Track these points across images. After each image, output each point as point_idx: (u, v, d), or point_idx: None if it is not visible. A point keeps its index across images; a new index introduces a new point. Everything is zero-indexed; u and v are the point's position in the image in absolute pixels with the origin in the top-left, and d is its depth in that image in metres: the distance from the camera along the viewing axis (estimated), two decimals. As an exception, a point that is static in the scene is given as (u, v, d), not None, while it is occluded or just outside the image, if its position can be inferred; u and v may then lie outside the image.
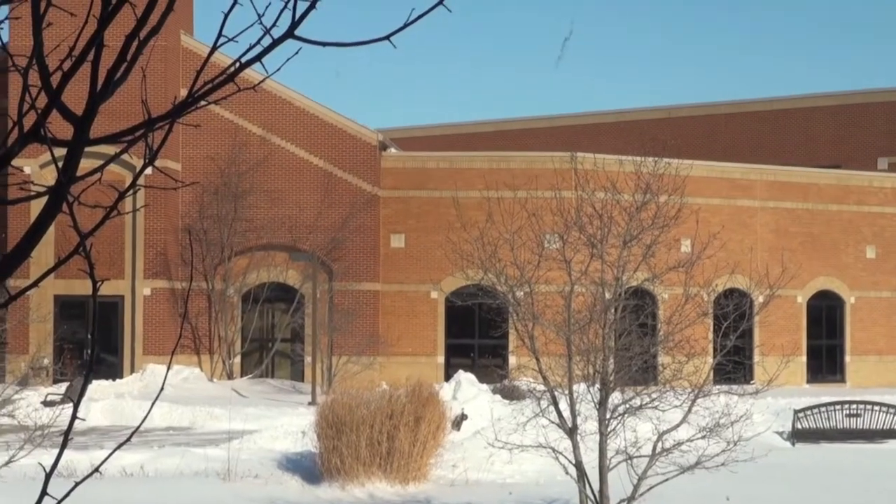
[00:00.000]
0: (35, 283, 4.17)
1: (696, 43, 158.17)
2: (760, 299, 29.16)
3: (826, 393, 46.75)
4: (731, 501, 25.28)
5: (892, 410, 38.60)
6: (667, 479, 23.28)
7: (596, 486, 23.35)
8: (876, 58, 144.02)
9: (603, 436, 24.02)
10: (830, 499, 26.64)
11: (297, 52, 3.84)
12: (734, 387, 26.24)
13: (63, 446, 4.15)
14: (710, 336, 28.90)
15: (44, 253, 41.55)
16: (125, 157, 3.93)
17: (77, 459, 23.06)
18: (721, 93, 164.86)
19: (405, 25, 3.85)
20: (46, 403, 35.84)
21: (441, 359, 52.47)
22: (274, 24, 3.77)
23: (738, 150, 62.23)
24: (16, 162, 3.98)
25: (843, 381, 57.61)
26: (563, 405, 24.44)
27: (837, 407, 38.60)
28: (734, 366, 26.37)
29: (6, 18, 3.97)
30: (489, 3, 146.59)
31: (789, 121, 65.92)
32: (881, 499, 26.76)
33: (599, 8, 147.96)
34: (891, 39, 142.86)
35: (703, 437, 23.73)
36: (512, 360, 45.76)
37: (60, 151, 3.81)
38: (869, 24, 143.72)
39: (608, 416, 24.21)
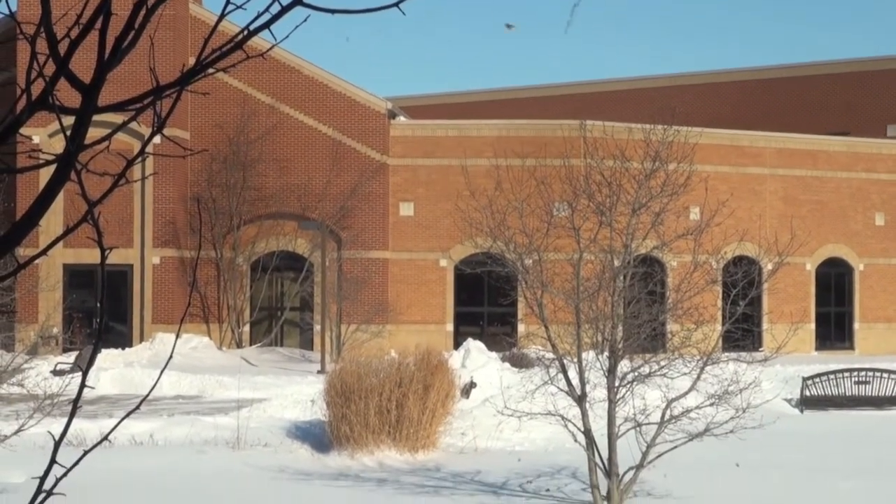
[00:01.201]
0: (44, 252, 4.17)
1: (705, 10, 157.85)
2: (769, 267, 29.15)
3: (834, 360, 46.78)
4: (740, 468, 25.31)
5: (900, 378, 38.66)
6: (675, 447, 23.32)
7: (605, 454, 23.39)
8: (886, 25, 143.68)
9: (612, 403, 24.06)
10: (839, 465, 26.67)
11: (305, 20, 3.84)
12: (743, 354, 26.26)
13: (72, 415, 4.16)
14: (719, 303, 28.91)
15: (52, 222, 41.56)
16: (133, 125, 3.93)
17: (86, 428, 23.12)
18: (730, 61, 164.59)
19: (414, -8, 3.84)
20: (56, 372, 35.93)
21: (450, 327, 52.54)
22: (282, -9, 3.77)
23: (747, 118, 62.16)
24: (24, 130, 3.98)
25: (851, 348, 57.65)
26: (572, 373, 24.47)
27: (846, 374, 38.64)
28: (743, 333, 26.40)
29: (13, -14, 3.97)
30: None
31: (798, 88, 65.83)
32: (889, 465, 26.80)
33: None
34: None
35: (712, 405, 23.76)
36: (521, 328, 45.84)
37: (68, 120, 3.81)
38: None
39: (617, 384, 24.24)
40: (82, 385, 4.10)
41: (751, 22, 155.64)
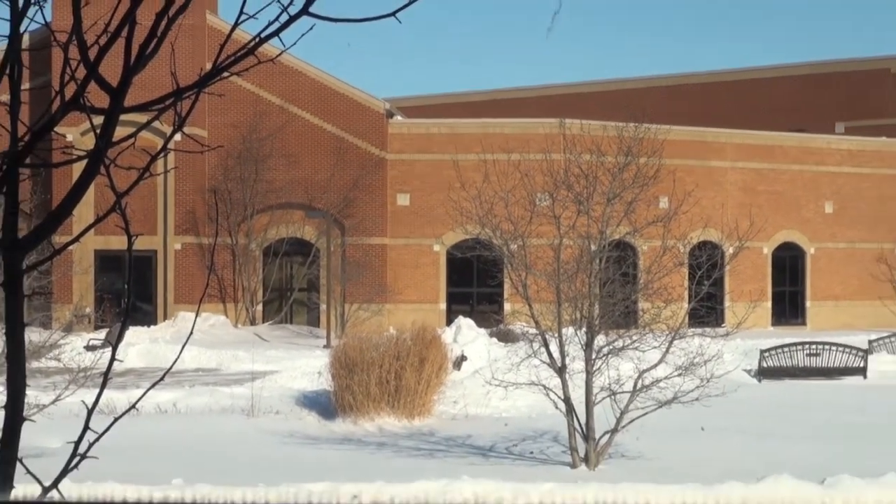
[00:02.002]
0: (76, 239, 4.16)
1: (673, 18, 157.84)
2: (730, 250, 29.13)
3: (789, 335, 46.85)
4: (704, 431, 25.35)
5: (847, 350, 38.67)
6: (646, 413, 23.35)
7: (583, 419, 23.42)
8: (835, 33, 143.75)
9: (589, 374, 24.08)
10: (793, 430, 26.72)
11: (311, 28, 3.83)
12: (707, 329, 26.28)
13: (103, 386, 4.15)
14: (686, 284, 28.95)
15: (84, 211, 41.44)
16: (156, 124, 3.92)
17: (116, 398, 23.07)
18: (695, 64, 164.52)
19: (410, 2, 3.83)
20: (88, 348, 35.88)
21: (443, 306, 52.55)
22: (290, 3, 3.76)
23: (710, 116, 62.17)
24: (58, 129, 3.97)
25: (803, 324, 57.73)
26: (553, 347, 24.49)
27: (799, 347, 38.68)
28: (707, 311, 26.42)
29: (47, -2, 3.95)
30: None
31: (757, 89, 65.85)
32: (838, 429, 26.84)
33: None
34: (848, 14, 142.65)
35: (679, 375, 23.78)
36: (507, 306, 45.89)
37: (98, 119, 3.80)
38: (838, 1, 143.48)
39: (594, 357, 24.26)
40: (112, 359, 4.09)
41: (714, 29, 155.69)
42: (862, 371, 38.02)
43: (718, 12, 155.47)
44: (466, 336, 35.17)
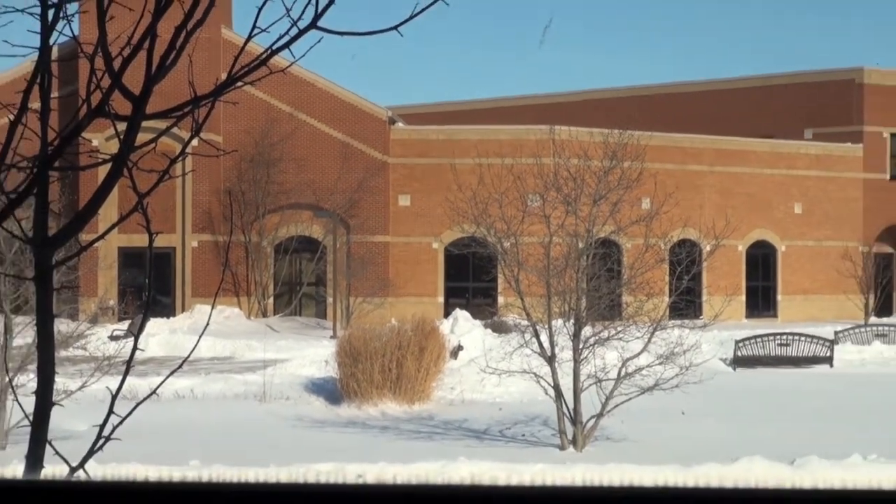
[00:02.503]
0: (102, 236, 4.16)
1: (655, 31, 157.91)
2: (708, 248, 29.16)
3: (761, 326, 46.85)
4: (684, 416, 25.37)
5: (815, 341, 38.72)
6: (630, 399, 23.38)
7: (571, 405, 23.44)
8: (806, 44, 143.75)
9: (576, 363, 24.10)
10: (765, 414, 26.75)
11: (319, 41, 3.83)
12: (686, 321, 26.32)
13: (126, 373, 4.15)
14: (666, 279, 28.95)
15: (109, 211, 41.35)
16: (175, 130, 3.92)
17: (138, 384, 23.05)
18: (677, 75, 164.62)
19: (411, 17, 3.83)
20: (112, 338, 35.85)
21: (441, 299, 52.53)
22: (300, 18, 3.76)
23: (689, 124, 62.12)
24: (85, 134, 3.97)
25: (775, 316, 57.74)
26: (544, 337, 24.51)
27: (771, 338, 38.71)
28: (686, 304, 26.47)
29: (76, 13, 3.95)
30: (473, 3, 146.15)
31: (732, 98, 65.82)
32: (807, 414, 26.88)
33: (574, 3, 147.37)
34: (817, 28, 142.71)
35: (660, 364, 23.82)
36: (500, 299, 45.80)
37: (121, 125, 3.80)
38: (807, 17, 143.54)
39: (581, 346, 24.28)
40: (134, 348, 4.09)
41: (693, 42, 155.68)
42: (828, 360, 38.06)
43: (697, 27, 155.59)
44: (463, 327, 35.16)
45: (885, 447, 20.99)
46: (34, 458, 3.83)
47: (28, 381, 17.78)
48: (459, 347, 33.01)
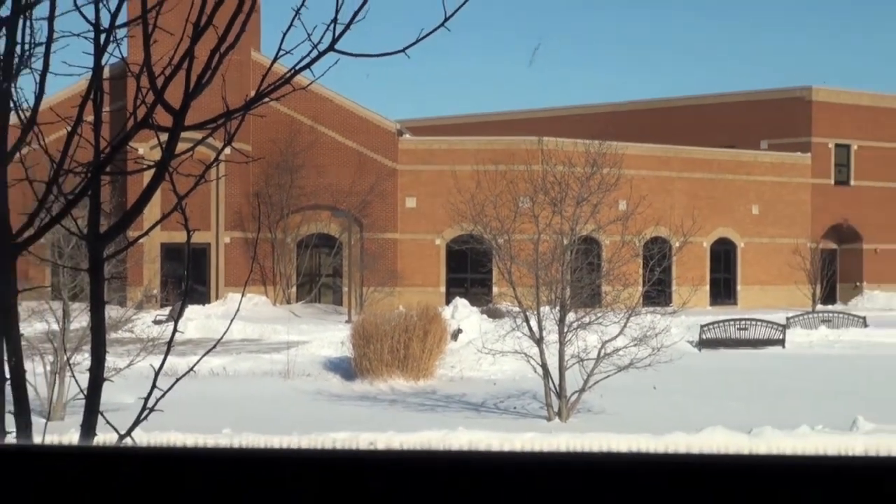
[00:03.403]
0: (146, 233, 4.17)
1: (635, 54, 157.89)
2: (677, 244, 29.17)
3: (723, 312, 46.80)
4: (655, 391, 25.36)
5: (769, 325, 38.72)
6: (608, 376, 23.38)
7: (556, 381, 23.44)
8: (763, 66, 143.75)
9: (562, 344, 24.11)
10: (726, 390, 26.74)
11: (336, 62, 3.83)
12: (657, 308, 26.32)
13: (167, 353, 4.16)
14: (640, 271, 28.97)
15: (152, 211, 41.34)
16: (210, 139, 3.92)
17: (177, 362, 23.03)
18: (652, 92, 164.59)
19: (417, 41, 3.83)
20: (155, 322, 35.87)
21: (443, 289, 52.54)
22: (319, 41, 3.76)
23: (661, 135, 62.07)
24: (132, 144, 3.97)
25: (735, 303, 57.72)
26: (533, 322, 24.52)
27: (731, 323, 38.71)
28: (657, 293, 26.48)
29: (124, 37, 3.95)
30: (476, 23, 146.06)
31: (699, 113, 65.78)
32: (762, 389, 26.87)
33: (560, 25, 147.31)
34: (774, 52, 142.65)
35: (635, 345, 23.81)
36: (495, 289, 45.86)
37: (163, 136, 3.80)
38: (764, 42, 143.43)
39: (565, 330, 24.29)
40: (174, 331, 4.09)
41: (666, 64, 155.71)
42: (781, 342, 38.05)
43: (671, 51, 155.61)
44: (462, 313, 35.15)
45: (830, 419, 20.99)
46: (88, 427, 3.83)
47: (83, 359, 17.81)
48: (459, 331, 33.02)
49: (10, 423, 3.70)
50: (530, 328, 24.47)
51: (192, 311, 43.57)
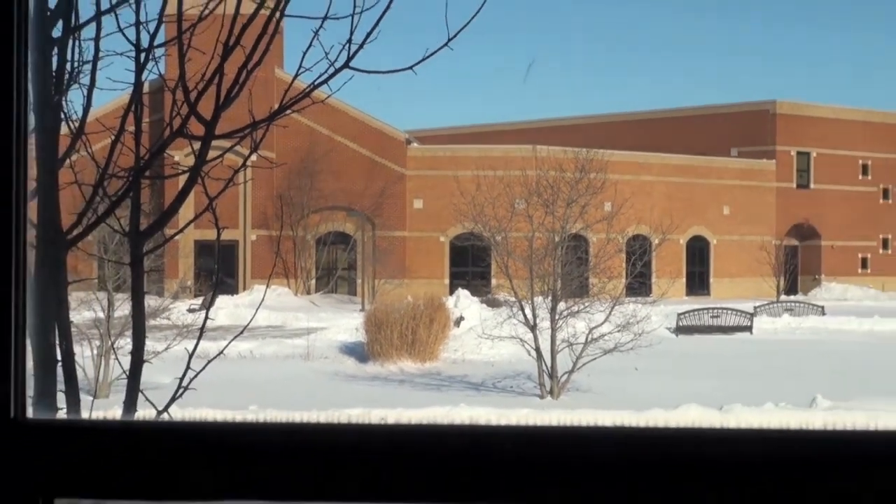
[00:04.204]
0: (181, 231, 4.17)
1: (619, 70, 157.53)
2: (656, 241, 29.17)
3: (698, 302, 46.76)
4: (637, 372, 25.35)
5: (739, 314, 38.68)
6: (595, 359, 23.38)
7: (549, 363, 23.45)
8: (734, 81, 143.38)
9: (553, 330, 24.11)
10: (700, 371, 26.71)
11: (350, 78, 3.83)
12: (639, 298, 26.31)
13: (199, 338, 4.16)
14: (624, 265, 28.94)
15: (186, 211, 41.34)
16: (238, 147, 3.92)
17: (208, 346, 23.04)
18: (635, 105, 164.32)
19: (423, 59, 3.84)
20: (189, 310, 35.85)
21: (447, 281, 52.53)
22: (335, 60, 3.76)
23: (643, 144, 62.02)
24: (169, 151, 3.97)
25: (708, 294, 57.67)
26: (528, 310, 24.52)
27: (705, 311, 38.66)
28: (639, 284, 26.44)
29: (162, 55, 3.96)
30: (476, 43, 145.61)
31: (676, 124, 65.72)
32: (732, 371, 26.84)
33: (553, 46, 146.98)
34: (742, 69, 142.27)
35: (619, 331, 23.82)
36: (493, 281, 45.83)
37: (196, 144, 3.80)
38: (734, 61, 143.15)
39: (556, 318, 24.29)
40: (206, 318, 4.10)
41: (646, 79, 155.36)
42: (749, 329, 38.01)
43: (650, 67, 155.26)
44: (464, 303, 35.12)
45: (792, 397, 20.98)
46: (130, 403, 3.84)
47: (125, 344, 17.81)
48: (461, 318, 33.00)
49: (61, 399, 3.71)
50: (525, 316, 24.47)
51: (222, 300, 43.57)
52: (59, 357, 3.70)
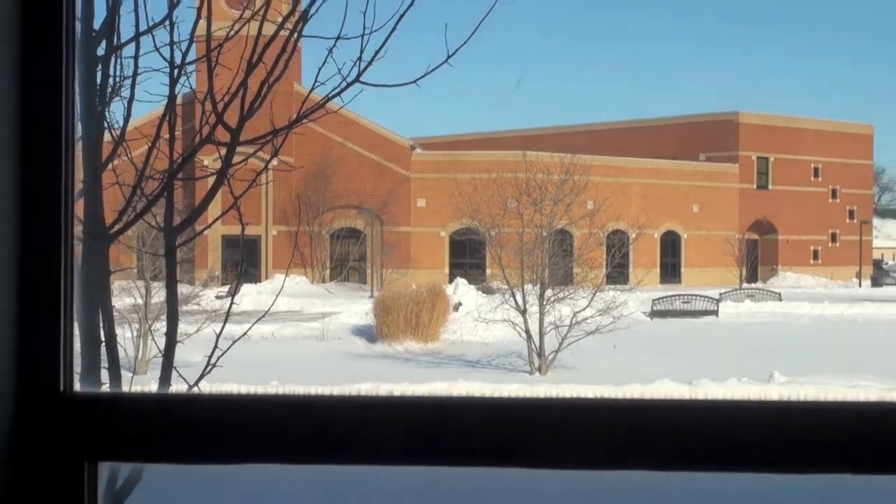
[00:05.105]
0: (209, 226, 4.17)
1: (598, 83, 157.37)
2: (633, 235, 29.15)
3: (670, 289, 46.68)
4: (616, 350, 25.35)
5: (706, 299, 38.68)
6: (578, 339, 23.39)
7: (537, 343, 23.45)
8: (701, 92, 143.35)
9: (541, 314, 24.11)
10: (672, 350, 26.70)
11: (360, 91, 3.84)
12: (618, 286, 26.30)
13: (226, 321, 4.16)
14: (605, 257, 28.93)
15: (214, 209, 41.28)
16: (260, 153, 3.93)
17: (234, 329, 23.08)
18: (614, 115, 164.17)
19: (425, 74, 3.84)
20: (217, 297, 35.78)
21: (447, 270, 52.50)
22: (347, 75, 3.76)
23: (621, 150, 61.92)
24: (199, 156, 3.97)
25: (680, 282, 57.63)
26: (518, 297, 24.52)
27: (676, 297, 38.66)
28: (618, 274, 26.43)
29: (192, 71, 3.96)
30: (473, 59, 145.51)
31: (651, 132, 65.64)
32: (700, 350, 26.85)
33: (540, 61, 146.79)
34: (709, 82, 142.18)
35: (600, 315, 23.83)
36: (488, 271, 45.80)
37: (223, 150, 3.80)
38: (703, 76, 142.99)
39: (544, 303, 24.28)
40: (231, 304, 4.10)
41: (625, 90, 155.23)
42: (715, 313, 38.01)
43: (626, 81, 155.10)
44: (462, 290, 35.11)
45: (752, 373, 21.01)
46: (165, 379, 3.85)
47: (160, 326, 17.79)
48: (459, 304, 32.99)
49: (104, 375, 3.72)
50: (516, 302, 24.48)
51: (246, 288, 43.42)
52: (102, 338, 3.71)
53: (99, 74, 3.96)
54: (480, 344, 28.25)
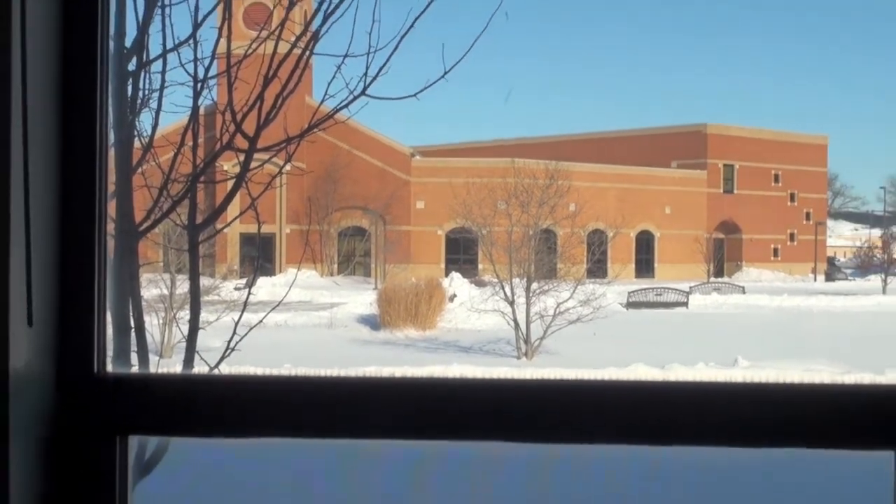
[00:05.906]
0: (229, 224, 4.18)
1: (579, 96, 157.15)
2: (611, 234, 29.14)
3: (645, 283, 46.78)
4: (595, 337, 25.35)
5: (677, 292, 38.69)
6: (561, 328, 23.38)
7: (524, 331, 23.45)
8: (672, 106, 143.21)
9: (528, 305, 24.11)
10: (646, 338, 26.69)
11: (366, 104, 3.84)
12: (597, 279, 26.31)
13: (243, 310, 4.16)
14: (585, 253, 28.92)
15: (233, 209, 41.26)
16: (275, 159, 3.93)
17: (250, 318, 23.05)
18: (591, 125, 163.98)
19: (425, 87, 3.84)
20: (235, 289, 35.71)
21: (443, 265, 52.45)
22: (354, 88, 3.77)
23: (599, 157, 61.85)
24: (219, 161, 3.97)
25: (653, 277, 57.65)
26: (507, 289, 24.52)
27: (650, 290, 38.65)
28: (597, 268, 26.42)
29: (214, 84, 3.96)
30: (469, 74, 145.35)
31: (627, 142, 65.58)
32: (671, 338, 26.84)
33: (528, 74, 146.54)
34: (679, 96, 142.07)
35: (581, 306, 23.82)
36: (480, 266, 45.78)
37: (241, 156, 3.80)
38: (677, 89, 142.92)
39: (531, 295, 24.29)
40: (248, 295, 4.11)
41: (603, 102, 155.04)
42: (685, 304, 38.02)
43: (606, 93, 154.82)
44: (456, 283, 35.07)
45: (718, 358, 21.02)
46: (188, 361, 3.85)
47: (184, 315, 17.76)
48: (454, 295, 32.98)
49: (134, 359, 3.72)
50: (505, 294, 24.48)
51: (262, 281, 43.34)
52: (132, 324, 3.71)
53: (130, 87, 3.96)
54: (473, 331, 28.24)
